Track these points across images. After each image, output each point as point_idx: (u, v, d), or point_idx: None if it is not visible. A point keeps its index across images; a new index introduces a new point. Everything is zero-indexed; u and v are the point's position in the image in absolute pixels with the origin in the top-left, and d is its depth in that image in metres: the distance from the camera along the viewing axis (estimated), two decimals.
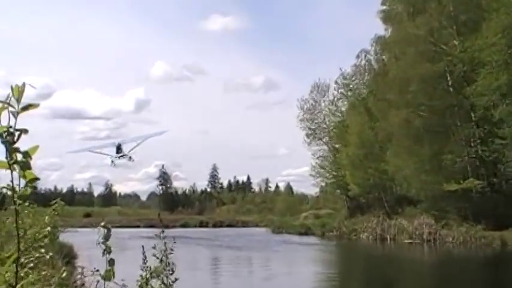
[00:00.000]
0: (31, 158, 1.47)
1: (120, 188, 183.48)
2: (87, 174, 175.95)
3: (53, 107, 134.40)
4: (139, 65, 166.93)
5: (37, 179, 1.52)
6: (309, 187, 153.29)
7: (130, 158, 16.42)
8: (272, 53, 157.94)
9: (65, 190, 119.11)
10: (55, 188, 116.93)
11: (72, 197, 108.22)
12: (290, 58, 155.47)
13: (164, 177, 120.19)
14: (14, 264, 1.71)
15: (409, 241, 39.56)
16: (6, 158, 1.45)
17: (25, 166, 1.47)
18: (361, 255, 36.31)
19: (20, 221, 6.37)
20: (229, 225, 77.43)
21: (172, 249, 5.30)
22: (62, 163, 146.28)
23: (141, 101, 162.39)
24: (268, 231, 59.09)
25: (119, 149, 16.25)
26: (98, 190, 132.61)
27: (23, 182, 1.58)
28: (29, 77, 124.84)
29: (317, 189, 74.22)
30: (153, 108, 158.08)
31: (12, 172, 1.48)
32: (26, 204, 6.93)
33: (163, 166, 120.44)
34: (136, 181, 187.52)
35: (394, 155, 41.97)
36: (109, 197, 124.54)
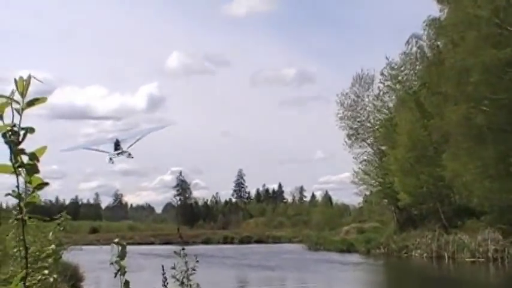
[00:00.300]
0: (38, 161, 1.46)
1: (131, 199, 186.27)
2: (93, 183, 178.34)
3: (53, 106, 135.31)
4: (152, 56, 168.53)
5: (46, 184, 1.51)
6: (350, 196, 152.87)
7: (129, 154, 17.46)
8: (306, 40, 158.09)
9: (68, 202, 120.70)
10: (57, 199, 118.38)
11: (76, 210, 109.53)
12: (327, 46, 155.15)
13: (182, 186, 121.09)
14: (22, 283, 1.72)
15: (471, 260, 39.14)
16: (11, 160, 1.45)
17: (32, 170, 1.46)
18: (414, 276, 36.01)
19: (17, 238, 6.41)
20: (258, 241, 77.78)
21: (194, 269, 5.29)
22: (64, 171, 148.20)
23: (155, 97, 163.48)
24: (303, 248, 59.18)
25: (117, 145, 17.29)
26: (105, 201, 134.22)
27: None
28: (24, 71, 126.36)
29: (360, 199, 73.83)
30: (169, 106, 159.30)
31: (17, 177, 1.47)
32: (27, 217, 7.03)
33: (181, 173, 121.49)
34: (150, 190, 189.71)
35: (452, 158, 41.49)
36: (119, 210, 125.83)
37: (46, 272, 5.33)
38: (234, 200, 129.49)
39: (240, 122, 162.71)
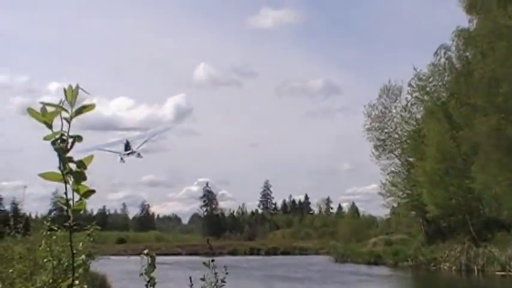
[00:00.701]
0: (86, 168, 1.46)
1: (158, 210, 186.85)
2: (120, 194, 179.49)
3: (82, 117, 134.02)
4: (180, 68, 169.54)
5: (92, 191, 1.51)
6: (377, 208, 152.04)
7: (138, 154, 18.97)
8: (333, 51, 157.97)
9: (95, 212, 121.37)
10: (84, 209, 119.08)
11: (103, 220, 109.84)
12: (354, 57, 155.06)
13: (209, 197, 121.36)
14: None
15: (502, 273, 38.61)
16: (59, 168, 1.44)
17: (80, 177, 1.46)
18: None
19: (48, 248, 6.44)
20: (285, 253, 77.62)
21: (224, 281, 5.24)
22: (91, 180, 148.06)
23: (183, 108, 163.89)
24: (330, 260, 58.94)
25: (127, 146, 18.70)
26: (133, 212, 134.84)
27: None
28: (53, 83, 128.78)
29: (388, 211, 73.25)
30: (196, 117, 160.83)
31: (66, 184, 1.47)
32: (56, 228, 7.09)
33: (207, 184, 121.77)
34: (176, 201, 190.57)
35: (482, 170, 41.06)
36: (146, 220, 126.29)
37: (77, 282, 5.33)
38: (260, 211, 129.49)
39: (266, 133, 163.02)
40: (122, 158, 18.79)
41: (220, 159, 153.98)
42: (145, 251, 3.11)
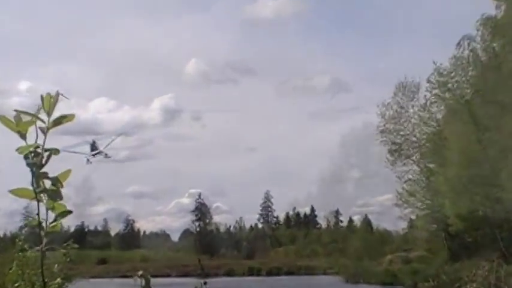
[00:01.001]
0: (62, 186, 1.44)
1: (144, 225, 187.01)
2: (101, 208, 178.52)
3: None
4: (168, 64, 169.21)
5: (69, 212, 1.49)
6: (393, 221, 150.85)
7: (106, 154, 19.24)
8: (340, 44, 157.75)
9: (72, 229, 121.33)
10: (61, 225, 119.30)
11: (82, 238, 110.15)
12: (364, 50, 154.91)
13: (202, 210, 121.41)
14: None
15: None
16: (32, 185, 1.42)
17: (55, 196, 1.44)
18: None
19: (20, 271, 6.46)
20: (288, 273, 77.78)
21: None
22: (68, 194, 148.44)
23: (171, 110, 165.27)
24: (340, 281, 59.04)
25: (93, 146, 19.07)
26: (115, 228, 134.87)
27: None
28: (24, 82, 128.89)
29: (405, 224, 73.42)
30: (186, 120, 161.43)
31: (38, 203, 1.44)
32: (27, 248, 7.07)
33: (200, 195, 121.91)
34: (165, 215, 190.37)
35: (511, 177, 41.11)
36: (130, 237, 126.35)
37: None
38: (260, 225, 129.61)
39: (266, 136, 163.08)
40: (88, 160, 19.43)
41: (214, 167, 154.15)
42: (139, 273, 3.14)
